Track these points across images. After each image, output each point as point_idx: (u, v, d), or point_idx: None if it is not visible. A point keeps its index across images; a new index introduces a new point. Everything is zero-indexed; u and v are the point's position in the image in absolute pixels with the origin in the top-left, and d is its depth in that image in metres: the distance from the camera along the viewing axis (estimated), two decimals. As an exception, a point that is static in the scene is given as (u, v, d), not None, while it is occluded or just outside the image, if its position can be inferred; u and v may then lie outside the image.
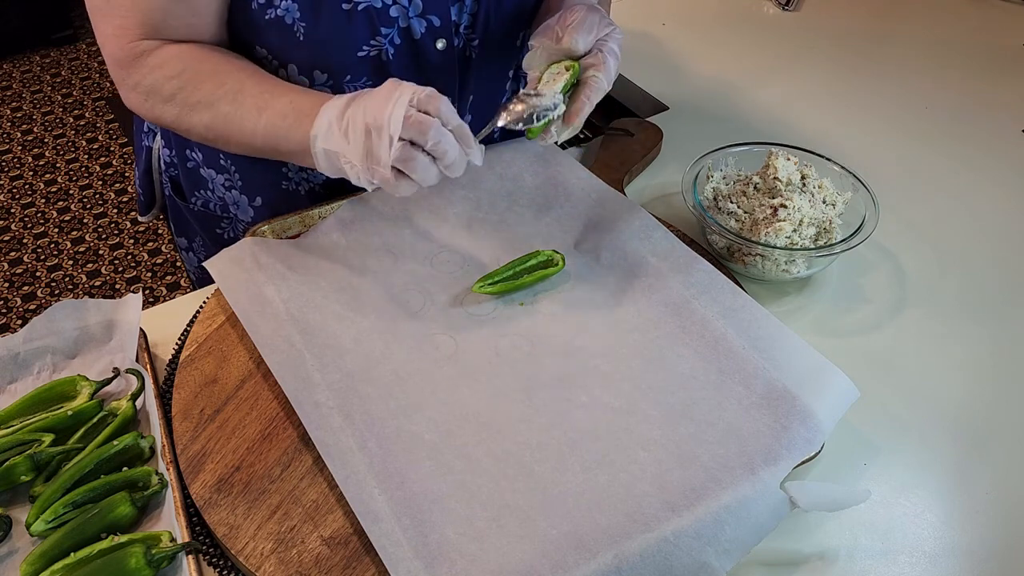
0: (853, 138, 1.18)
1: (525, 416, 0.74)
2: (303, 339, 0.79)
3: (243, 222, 1.03)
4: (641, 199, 1.05)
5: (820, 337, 0.88)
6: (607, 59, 0.84)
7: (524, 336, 0.82)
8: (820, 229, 0.93)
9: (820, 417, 0.73)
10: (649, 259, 0.88)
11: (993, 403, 0.83)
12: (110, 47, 0.82)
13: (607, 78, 0.84)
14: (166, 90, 0.82)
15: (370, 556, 0.66)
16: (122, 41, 0.81)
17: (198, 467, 0.72)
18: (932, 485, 0.76)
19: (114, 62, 0.83)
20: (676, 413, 0.75)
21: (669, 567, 0.64)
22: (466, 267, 0.89)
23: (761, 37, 1.44)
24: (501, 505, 0.68)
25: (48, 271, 2.43)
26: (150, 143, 1.08)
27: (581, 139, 1.25)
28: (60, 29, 3.32)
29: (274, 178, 0.97)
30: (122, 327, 0.82)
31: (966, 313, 0.93)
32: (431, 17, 0.86)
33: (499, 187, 0.97)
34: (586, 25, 0.83)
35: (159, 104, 0.83)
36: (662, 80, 1.30)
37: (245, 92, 0.81)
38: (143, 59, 0.82)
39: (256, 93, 0.81)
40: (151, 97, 0.83)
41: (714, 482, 0.69)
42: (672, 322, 0.83)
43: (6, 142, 2.88)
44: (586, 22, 0.83)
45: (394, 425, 0.73)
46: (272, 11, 0.82)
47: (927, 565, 0.70)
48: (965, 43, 1.42)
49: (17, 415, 0.75)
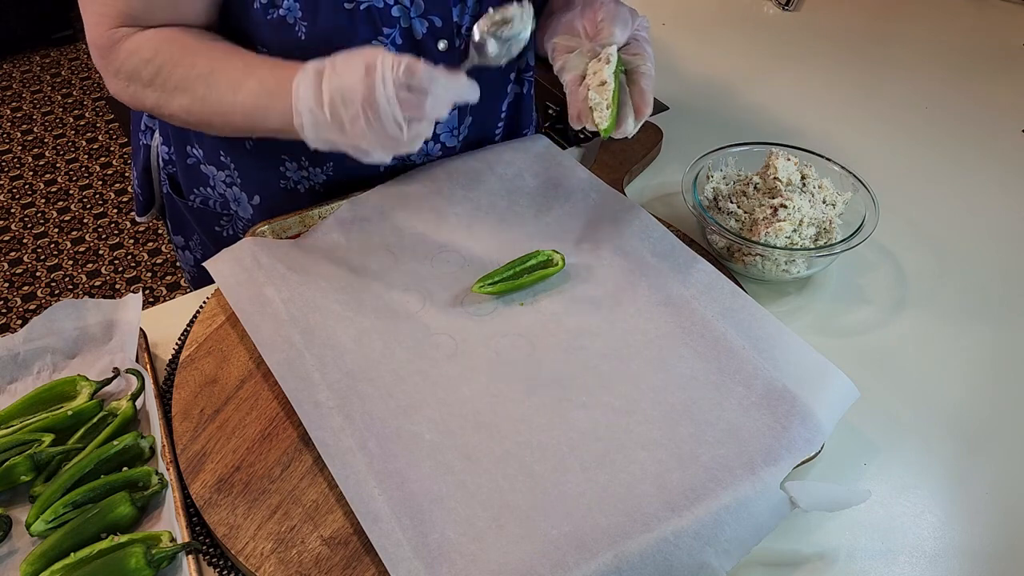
0: (853, 138, 1.18)
1: (525, 416, 0.74)
2: (303, 339, 0.79)
3: (242, 220, 1.03)
4: (641, 199, 1.05)
5: (820, 337, 0.88)
6: (644, 47, 0.85)
7: (524, 336, 0.82)
8: (820, 229, 0.93)
9: (820, 417, 0.73)
10: (649, 259, 0.88)
11: (993, 403, 0.83)
12: (92, 34, 0.83)
13: (651, 63, 0.86)
14: (144, 75, 0.82)
15: (370, 556, 0.66)
16: (101, 28, 0.82)
17: (198, 467, 0.72)
18: (932, 485, 0.76)
19: (95, 49, 0.83)
20: (676, 413, 0.75)
21: (669, 567, 0.64)
22: (466, 267, 0.89)
23: (761, 37, 1.44)
24: (501, 505, 0.68)
25: (48, 271, 2.43)
26: (148, 141, 1.08)
27: (581, 139, 1.25)
28: (60, 29, 3.32)
29: (272, 177, 0.97)
30: (122, 327, 0.82)
31: (966, 313, 0.93)
32: (433, 17, 0.86)
33: (499, 187, 0.97)
34: (620, 18, 0.84)
35: (140, 89, 0.83)
36: (662, 80, 1.29)
37: (217, 72, 0.80)
38: (120, 44, 0.82)
39: (227, 73, 0.80)
40: (132, 83, 0.83)
41: (714, 482, 0.69)
42: (672, 322, 0.83)
43: (6, 142, 2.88)
44: (619, 14, 0.84)
45: (394, 425, 0.73)
46: (274, 11, 0.82)
47: (927, 565, 0.70)
48: (965, 43, 1.42)
49: (17, 415, 0.75)
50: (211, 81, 0.80)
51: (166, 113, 0.85)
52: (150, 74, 0.82)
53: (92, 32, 0.83)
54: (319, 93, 0.75)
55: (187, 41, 0.82)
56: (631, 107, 0.84)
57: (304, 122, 0.76)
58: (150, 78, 0.82)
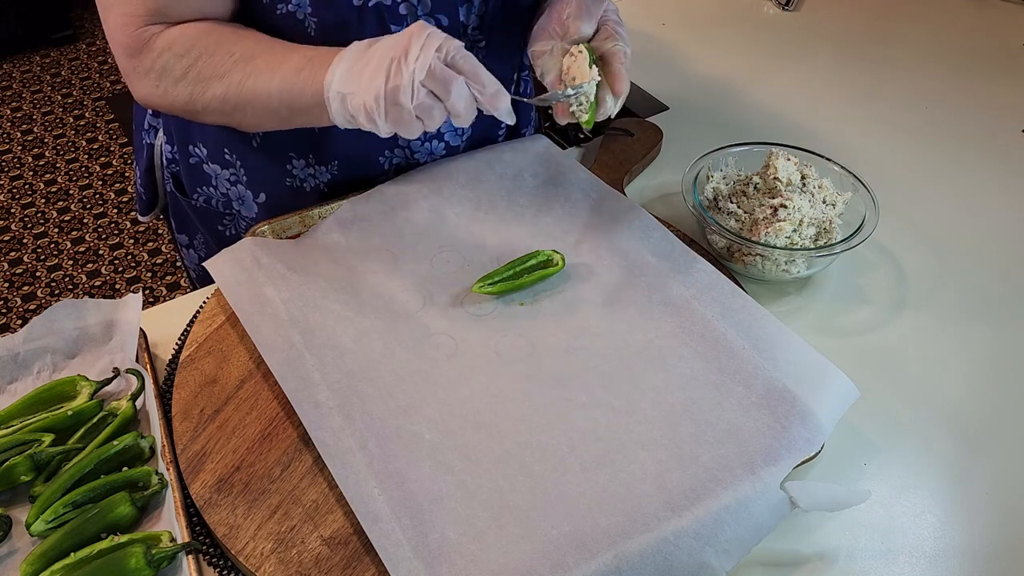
0: (853, 138, 1.18)
1: (525, 416, 0.74)
2: (303, 339, 0.79)
3: (246, 219, 1.03)
4: (641, 199, 1.05)
5: (820, 337, 0.88)
6: (616, 29, 0.85)
7: (524, 336, 0.82)
8: (820, 229, 0.93)
9: (820, 417, 0.73)
10: (649, 259, 0.88)
11: (993, 403, 0.83)
12: (119, 36, 0.82)
13: (625, 43, 0.85)
14: (177, 69, 0.82)
15: (370, 556, 0.66)
16: (129, 29, 0.81)
17: (198, 467, 0.72)
18: (932, 485, 0.76)
19: (124, 52, 0.83)
20: (676, 413, 0.75)
21: (669, 567, 0.64)
22: (466, 267, 0.89)
23: (761, 37, 1.44)
24: (501, 505, 0.68)
25: (48, 271, 2.43)
26: (151, 140, 1.08)
27: (581, 139, 1.25)
28: (60, 29, 3.32)
29: (279, 175, 0.97)
30: (122, 327, 0.82)
31: (966, 313, 0.93)
32: (439, 16, 0.86)
33: (499, 187, 0.97)
34: (584, 11, 0.84)
35: (171, 87, 0.83)
36: (662, 80, 1.30)
37: (256, 56, 0.80)
38: (151, 43, 0.81)
39: (267, 55, 0.80)
40: (163, 80, 0.83)
41: (714, 482, 0.69)
42: (672, 322, 0.83)
43: (6, 142, 2.88)
44: (583, 7, 0.84)
45: (394, 425, 0.73)
46: (283, 6, 0.82)
47: (927, 565, 0.70)
48: (965, 43, 1.42)
49: (17, 415, 0.75)
50: (249, 65, 0.80)
51: (199, 106, 0.84)
52: (183, 68, 0.81)
53: (119, 35, 0.82)
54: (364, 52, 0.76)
55: (223, 31, 0.82)
56: (608, 90, 0.84)
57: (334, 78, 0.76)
58: (183, 72, 0.81)
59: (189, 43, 0.81)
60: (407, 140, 0.96)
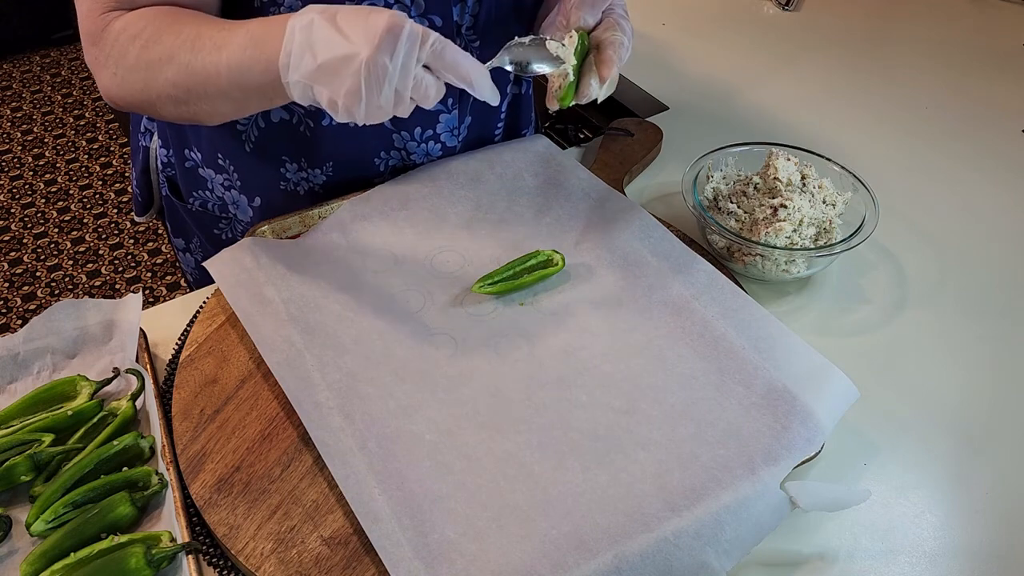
0: (853, 138, 1.18)
1: (525, 416, 0.74)
2: (303, 339, 0.79)
3: (242, 222, 1.02)
4: (641, 199, 1.05)
5: (820, 337, 0.88)
6: (619, 21, 0.85)
7: (524, 336, 0.82)
8: (820, 229, 0.93)
9: (820, 417, 0.73)
10: (649, 259, 0.88)
11: (993, 403, 0.83)
12: (85, 25, 0.79)
13: (625, 35, 0.84)
14: (131, 55, 0.77)
15: (370, 556, 0.66)
16: (94, 14, 0.78)
17: (198, 467, 0.72)
18: (932, 485, 0.76)
19: (88, 41, 0.79)
20: (676, 413, 0.75)
21: (669, 567, 0.64)
22: (466, 267, 0.89)
23: (761, 37, 1.44)
24: (501, 505, 0.68)
25: (48, 271, 2.43)
26: (147, 143, 1.08)
27: (581, 139, 1.25)
28: (60, 29, 3.32)
29: (272, 179, 0.97)
30: (122, 327, 0.82)
31: (966, 313, 0.93)
32: (433, 17, 0.86)
33: (499, 187, 0.97)
34: (588, 2, 0.84)
35: (128, 75, 0.78)
36: (662, 80, 1.30)
37: (202, 36, 0.76)
38: (109, 27, 0.78)
39: (213, 34, 0.75)
40: (119, 67, 0.79)
41: (714, 482, 0.69)
42: (672, 322, 0.83)
43: (6, 142, 2.88)
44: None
45: (394, 425, 0.73)
46: (275, 8, 0.82)
47: (927, 565, 0.70)
48: (965, 43, 1.42)
49: (17, 415, 0.75)
50: (196, 44, 0.75)
51: (154, 95, 0.79)
52: (136, 52, 0.77)
53: (84, 23, 0.79)
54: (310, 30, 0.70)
55: (178, 13, 0.78)
56: (595, 74, 0.83)
57: (291, 63, 0.70)
58: (136, 56, 0.77)
59: (142, 24, 0.77)
60: (403, 142, 0.96)
